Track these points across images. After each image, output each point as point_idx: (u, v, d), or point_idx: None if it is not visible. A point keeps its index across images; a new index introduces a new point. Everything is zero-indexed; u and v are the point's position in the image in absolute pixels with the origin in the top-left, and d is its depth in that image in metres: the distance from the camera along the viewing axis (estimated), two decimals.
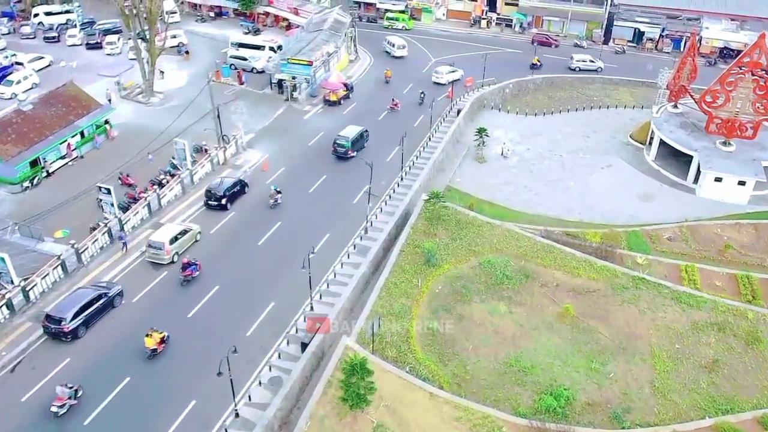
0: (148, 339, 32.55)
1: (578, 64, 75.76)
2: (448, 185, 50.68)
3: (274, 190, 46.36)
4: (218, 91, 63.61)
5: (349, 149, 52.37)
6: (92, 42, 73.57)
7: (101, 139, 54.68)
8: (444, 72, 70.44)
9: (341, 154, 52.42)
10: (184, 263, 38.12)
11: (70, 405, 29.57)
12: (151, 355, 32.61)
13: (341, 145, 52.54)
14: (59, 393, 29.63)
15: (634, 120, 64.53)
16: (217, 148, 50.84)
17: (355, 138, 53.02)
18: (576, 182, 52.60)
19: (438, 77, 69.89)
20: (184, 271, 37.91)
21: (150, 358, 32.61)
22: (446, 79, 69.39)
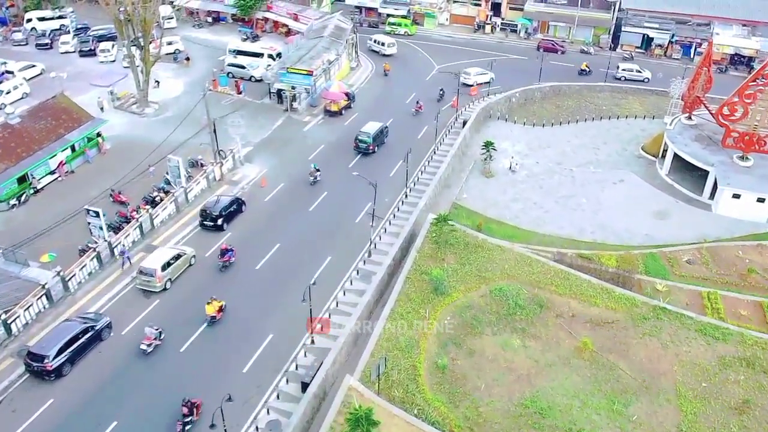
0: (208, 306, 34.85)
1: (624, 74, 73.10)
2: (454, 202, 48.51)
3: (314, 168, 49.02)
4: (215, 101, 61.71)
5: (371, 144, 53.61)
6: (85, 49, 71.31)
7: (93, 153, 52.51)
8: (473, 73, 69.43)
9: (363, 149, 53.68)
10: (222, 249, 39.64)
11: (156, 344, 32.92)
12: (211, 322, 34.75)
13: (363, 140, 53.75)
14: (147, 333, 33.10)
15: (645, 131, 62.39)
16: (213, 163, 48.63)
17: (376, 133, 54.19)
18: (588, 199, 50.43)
19: (466, 78, 68.66)
20: (222, 257, 39.31)
21: (210, 325, 34.73)
22: (474, 80, 68.61)
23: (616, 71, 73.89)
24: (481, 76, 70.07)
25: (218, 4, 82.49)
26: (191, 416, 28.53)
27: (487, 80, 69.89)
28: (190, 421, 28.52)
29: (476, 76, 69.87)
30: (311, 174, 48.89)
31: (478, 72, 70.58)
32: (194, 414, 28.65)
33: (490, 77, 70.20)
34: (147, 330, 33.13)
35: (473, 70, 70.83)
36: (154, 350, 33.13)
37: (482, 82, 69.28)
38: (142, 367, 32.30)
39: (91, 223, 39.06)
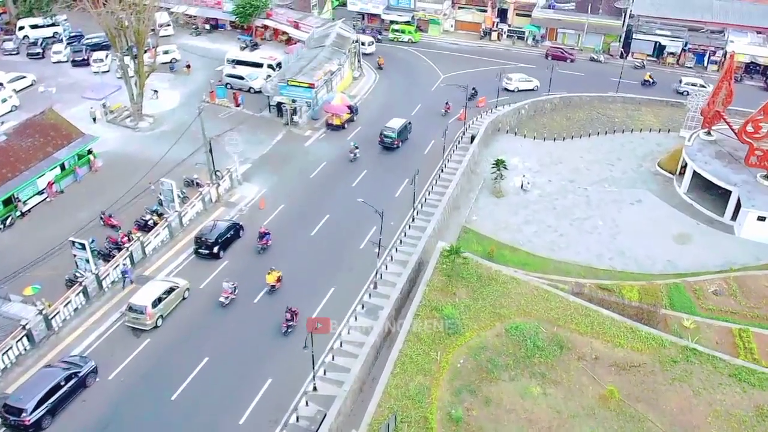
0: (269, 276, 37.59)
1: (686, 88, 68.90)
2: (464, 226, 45.94)
3: (354, 146, 51.88)
4: (213, 114, 59.35)
5: (396, 139, 54.66)
6: (78, 59, 68.69)
7: (83, 171, 49.95)
8: (515, 79, 67.83)
9: (388, 144, 54.85)
10: (260, 232, 41.44)
11: (232, 298, 36.34)
12: (270, 290, 37.54)
13: (388, 136, 54.77)
14: (225, 287, 36.45)
15: (661, 146, 59.83)
16: (209, 184, 46.06)
17: (400, 129, 55.25)
18: (604, 221, 47.85)
19: (508, 83, 67.35)
20: (261, 240, 41.17)
21: (270, 293, 37.49)
22: (515, 86, 67.61)
23: (678, 85, 71.02)
24: (525, 83, 68.38)
25: (216, 11, 79.86)
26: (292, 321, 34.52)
27: (532, 87, 68.31)
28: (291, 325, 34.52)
29: (519, 82, 68.40)
30: (351, 151, 52.61)
31: (522, 78, 69.01)
32: (294, 319, 34.56)
33: (534, 85, 68.50)
34: (224, 284, 36.69)
35: (516, 75, 69.44)
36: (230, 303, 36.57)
37: (525, 89, 67.52)
38: None
39: (77, 256, 36.43)
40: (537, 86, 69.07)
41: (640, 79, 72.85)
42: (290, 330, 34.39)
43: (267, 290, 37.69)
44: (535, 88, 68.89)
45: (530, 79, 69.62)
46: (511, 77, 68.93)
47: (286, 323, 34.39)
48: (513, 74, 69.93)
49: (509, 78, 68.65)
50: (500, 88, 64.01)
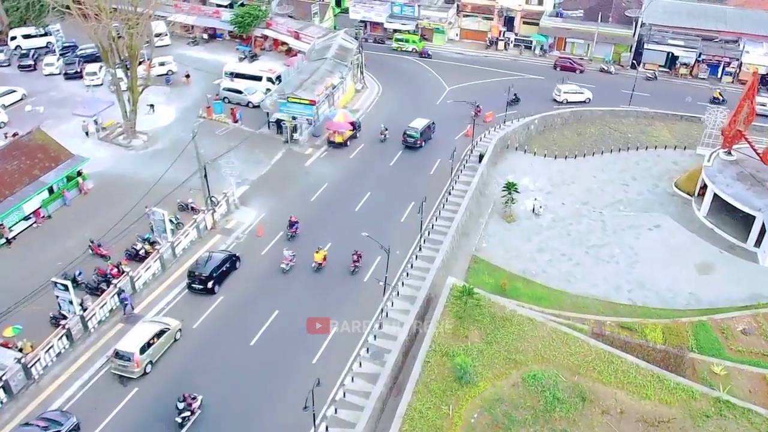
0: (316, 254, 39.73)
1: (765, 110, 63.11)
2: (474, 255, 43.42)
3: (384, 128, 55.13)
4: (209, 131, 57.01)
5: (418, 139, 55.32)
6: (71, 71, 66.20)
7: (72, 195, 47.47)
8: (563, 90, 66.06)
9: (411, 144, 55.54)
10: (291, 221, 43.08)
11: (292, 265, 39.41)
12: (317, 268, 39.57)
13: (411, 135, 55.52)
14: (285, 255, 39.57)
15: (677, 164, 57.30)
16: (204, 211, 43.55)
17: (423, 129, 55.91)
18: (621, 248, 45.35)
19: (556, 94, 65.81)
20: (291, 228, 42.88)
21: (316, 271, 39.65)
22: (564, 98, 65.82)
23: None
24: (575, 95, 66.21)
25: (214, 21, 77.35)
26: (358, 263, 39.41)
27: (583, 99, 66.17)
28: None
29: (568, 93, 66.16)
30: (381, 133, 55.73)
31: (572, 90, 66.74)
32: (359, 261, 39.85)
33: (586, 97, 66.38)
34: (285, 252, 39.72)
35: (566, 86, 67.26)
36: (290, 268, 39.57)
37: (575, 101, 65.55)
38: None
39: (60, 297, 33.94)
40: (589, 99, 66.53)
41: (652, 92, 70.04)
42: (357, 270, 39.76)
43: (314, 268, 39.93)
44: (587, 101, 66.42)
45: (581, 91, 67.16)
46: (560, 88, 66.93)
47: (354, 264, 39.81)
48: (563, 85, 67.68)
49: (558, 88, 66.70)
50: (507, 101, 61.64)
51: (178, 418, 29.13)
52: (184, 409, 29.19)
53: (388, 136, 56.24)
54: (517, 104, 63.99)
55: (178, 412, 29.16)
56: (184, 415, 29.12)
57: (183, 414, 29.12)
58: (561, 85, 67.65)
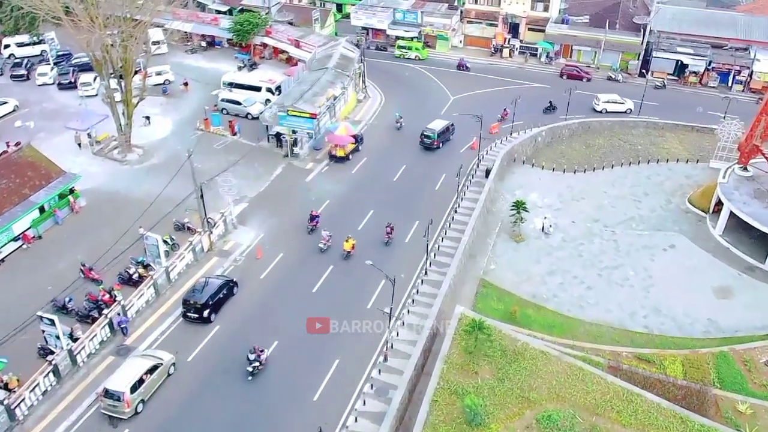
0: (346, 243, 41.69)
1: None
2: (482, 278, 41.58)
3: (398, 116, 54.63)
4: (207, 144, 55.34)
5: (435, 140, 55.66)
6: (65, 82, 64.45)
7: (64, 213, 45.69)
8: (604, 100, 64.75)
9: (428, 145, 55.97)
10: (312, 215, 44.72)
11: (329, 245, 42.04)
12: (347, 256, 41.56)
13: (428, 136, 55.95)
14: (324, 235, 42.27)
15: (690, 178, 55.50)
16: (200, 232, 41.74)
17: (441, 130, 56.44)
18: (635, 270, 43.53)
19: (595, 104, 64.67)
20: (312, 221, 44.44)
21: (345, 258, 41.53)
22: (603, 107, 64.48)
23: None
24: (614, 104, 64.66)
25: (213, 28, 75.52)
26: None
27: (623, 110, 64.62)
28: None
29: (607, 103, 64.64)
30: (397, 121, 56.64)
31: (612, 99, 65.07)
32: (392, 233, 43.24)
33: (626, 108, 64.72)
34: (323, 233, 42.29)
35: (606, 96, 65.68)
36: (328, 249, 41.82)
37: (614, 110, 64.21)
38: None
39: (46, 332, 32.13)
40: (630, 110, 64.74)
41: (661, 101, 68.14)
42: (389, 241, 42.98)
43: (344, 256, 41.56)
44: (628, 111, 64.70)
45: (622, 101, 65.35)
46: (599, 97, 65.45)
47: (387, 235, 43.08)
48: (603, 94, 66.12)
49: (598, 97, 65.37)
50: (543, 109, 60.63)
51: (249, 368, 32.42)
52: (255, 359, 32.47)
53: (403, 124, 57.95)
54: (553, 112, 63.15)
55: (249, 362, 32.43)
56: (254, 365, 32.38)
57: (253, 364, 32.39)
58: (601, 95, 65.95)
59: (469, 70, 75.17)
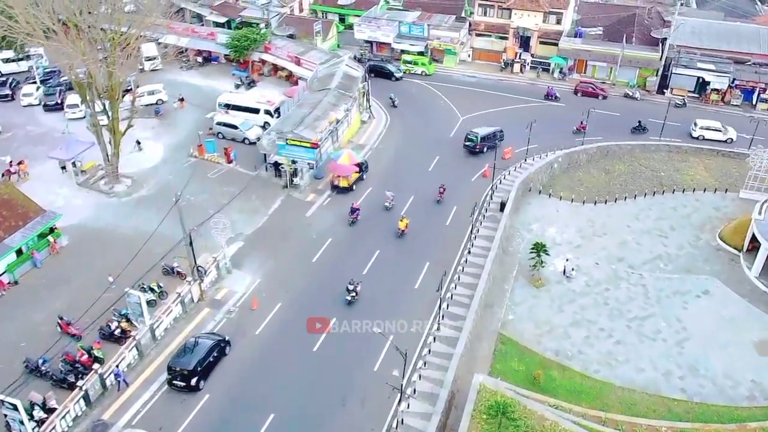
0: (401, 222, 44.69)
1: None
2: (500, 333, 37.77)
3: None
4: (201, 172, 51.90)
5: (478, 144, 55.46)
6: (51, 103, 60.76)
7: (43, 256, 41.99)
8: (701, 125, 60.75)
9: (470, 148, 55.93)
10: (352, 207, 46.20)
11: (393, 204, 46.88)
12: (401, 234, 44.42)
13: (471, 139, 55.98)
14: (387, 195, 47.37)
15: (719, 210, 51.64)
16: (190, 282, 37.98)
17: (485, 135, 56.15)
18: (667, 321, 39.69)
19: (692, 130, 60.94)
20: (352, 214, 45.90)
21: (399, 237, 44.38)
22: (700, 134, 60.45)
23: None
24: (714, 132, 60.41)
25: (209, 43, 71.76)
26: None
27: (724, 139, 60.08)
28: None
29: (706, 130, 60.44)
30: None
31: (711, 126, 60.81)
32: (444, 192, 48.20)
33: (728, 137, 60.13)
34: (387, 193, 47.46)
35: (704, 122, 61.53)
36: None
37: (713, 139, 60.07)
38: None
39: (8, 416, 28.38)
40: (732, 139, 60.13)
41: (682, 121, 63.98)
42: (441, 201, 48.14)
43: (398, 234, 44.38)
44: (729, 141, 60.12)
45: (723, 128, 60.84)
46: (697, 122, 61.57)
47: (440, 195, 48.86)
48: (702, 120, 61.93)
49: (695, 122, 61.61)
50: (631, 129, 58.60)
51: (348, 297, 37.88)
52: (353, 290, 37.85)
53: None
54: (644, 133, 60.97)
55: (348, 292, 37.93)
56: (352, 295, 37.87)
57: (351, 294, 37.84)
58: (699, 120, 61.76)
59: (558, 99, 68.80)
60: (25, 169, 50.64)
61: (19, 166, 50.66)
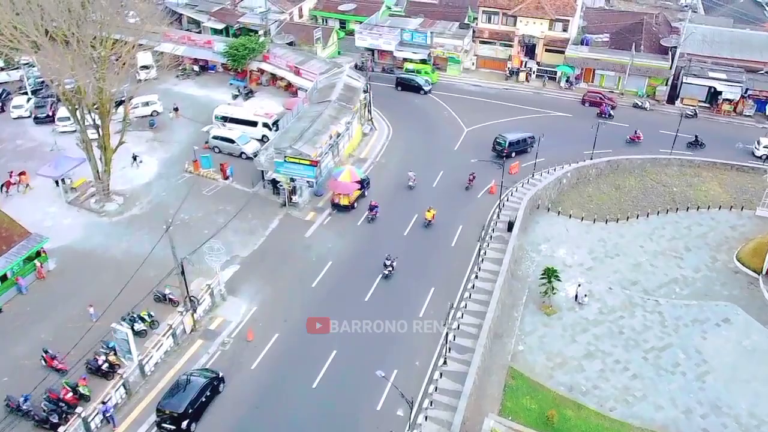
0: (428, 213, 45.82)
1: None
2: (510, 367, 35.71)
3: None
4: (196, 189, 50.00)
5: (506, 148, 54.87)
6: (42, 115, 58.68)
7: (28, 281, 39.93)
8: (764, 144, 58.37)
9: (499, 152, 55.08)
10: (371, 204, 46.91)
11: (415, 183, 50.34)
12: (427, 224, 45.81)
13: (499, 143, 55.91)
14: (410, 175, 50.59)
15: (735, 230, 49.64)
16: (182, 312, 35.92)
17: (514, 140, 56.14)
18: (686, 352, 37.67)
19: (755, 148, 58.57)
20: (371, 211, 46.73)
21: (426, 227, 45.78)
22: (763, 153, 58.00)
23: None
24: None
25: (206, 51, 69.68)
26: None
27: None
28: None
29: None
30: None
31: None
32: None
33: None
34: (410, 174, 50.59)
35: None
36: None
37: None
38: None
39: None
40: None
41: (693, 131, 61.16)
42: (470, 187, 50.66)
43: (424, 224, 45.91)
44: None
45: None
46: (761, 141, 58.92)
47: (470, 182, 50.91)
48: (765, 138, 59.29)
49: (758, 141, 58.94)
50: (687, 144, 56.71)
51: (385, 271, 40.58)
52: (390, 265, 40.70)
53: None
54: (701, 148, 59.17)
55: (385, 266, 40.62)
56: (389, 269, 40.65)
57: (388, 268, 40.63)
58: (763, 138, 59.23)
59: (612, 118, 64.47)
60: (26, 181, 48.93)
61: (20, 177, 48.82)
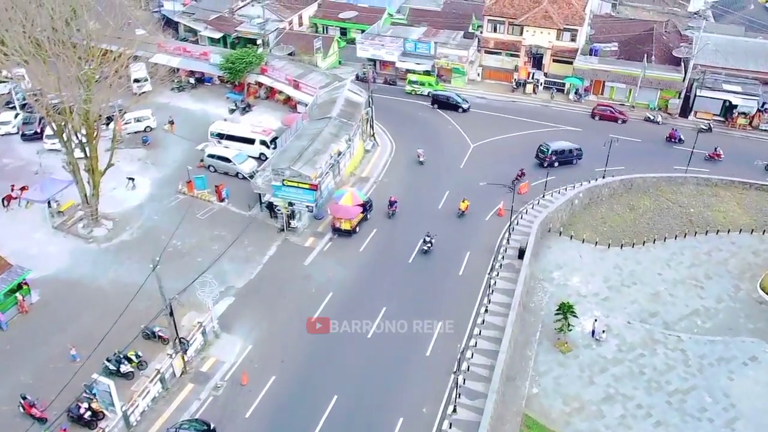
0: (462, 203, 47.62)
1: None
2: (524, 413, 33.20)
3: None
4: (190, 212, 47.72)
5: (547, 155, 54.49)
6: (29, 132, 56.25)
7: (9, 316, 37.55)
8: None
9: (541, 159, 54.97)
10: (390, 200, 47.69)
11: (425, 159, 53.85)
12: (461, 215, 47.49)
13: (542, 150, 55.36)
14: (419, 152, 54.34)
15: (758, 255, 47.17)
16: (171, 355, 33.41)
17: (559, 149, 55.48)
18: (713, 395, 35.16)
19: None
20: (391, 207, 47.54)
21: (459, 216, 47.45)
22: None
23: None
24: None
25: (202, 63, 67.18)
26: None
27: None
28: None
29: None
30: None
31: None
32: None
33: None
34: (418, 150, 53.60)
35: None
36: None
37: None
38: None
39: None
40: None
41: (708, 147, 58.49)
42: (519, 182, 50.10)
43: (458, 214, 47.49)
44: None
45: None
46: None
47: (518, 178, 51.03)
48: None
49: None
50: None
51: (424, 246, 42.94)
52: (429, 241, 42.80)
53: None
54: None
55: (425, 242, 42.93)
56: (428, 245, 42.92)
57: (427, 244, 42.87)
58: None
59: (683, 142, 60.53)
60: None
61: (22, 191, 46.55)
